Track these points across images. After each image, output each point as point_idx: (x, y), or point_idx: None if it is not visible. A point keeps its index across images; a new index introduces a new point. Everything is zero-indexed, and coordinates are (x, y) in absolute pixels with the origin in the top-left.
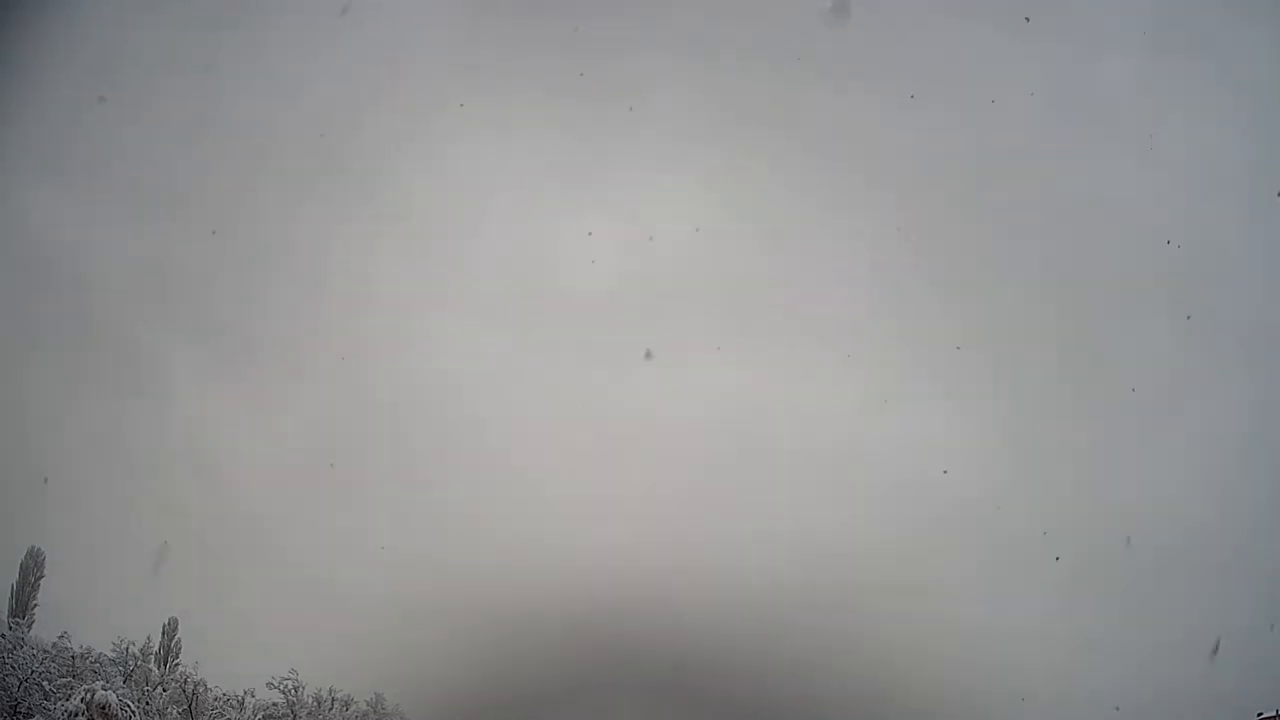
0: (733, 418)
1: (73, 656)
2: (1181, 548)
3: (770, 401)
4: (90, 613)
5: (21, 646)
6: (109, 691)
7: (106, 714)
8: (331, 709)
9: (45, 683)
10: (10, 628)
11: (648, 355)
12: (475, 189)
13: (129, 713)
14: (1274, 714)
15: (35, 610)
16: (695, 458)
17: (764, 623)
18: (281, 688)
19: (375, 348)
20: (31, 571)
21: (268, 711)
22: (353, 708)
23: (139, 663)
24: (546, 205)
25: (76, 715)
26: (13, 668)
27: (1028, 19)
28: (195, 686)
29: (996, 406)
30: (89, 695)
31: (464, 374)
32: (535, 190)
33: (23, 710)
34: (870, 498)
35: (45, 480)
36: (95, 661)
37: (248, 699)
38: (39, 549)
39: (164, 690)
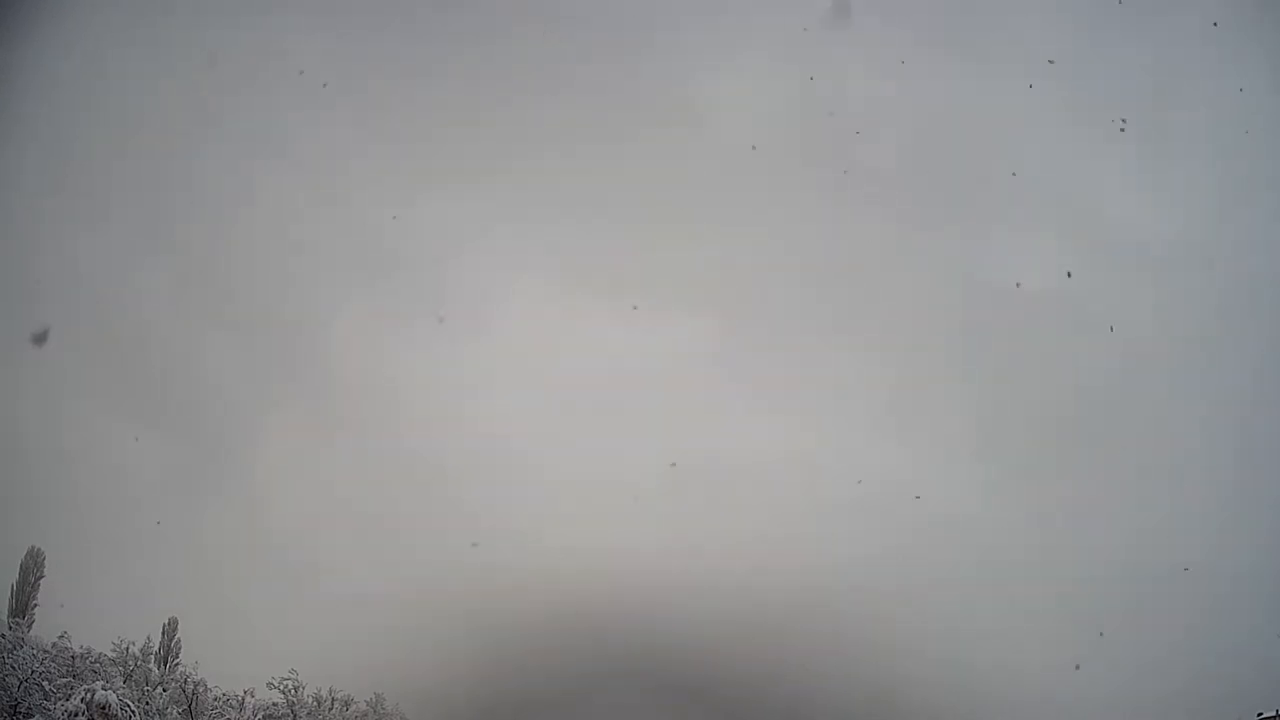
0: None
1: (73, 656)
2: (1176, 549)
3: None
4: (90, 613)
5: (21, 646)
6: (109, 691)
7: (106, 714)
8: (331, 709)
9: (45, 683)
10: (10, 628)
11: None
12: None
13: (129, 713)
14: (1274, 714)
15: (35, 610)
16: (693, 471)
17: (765, 628)
18: (281, 688)
19: (386, 372)
20: (31, 571)
21: (268, 711)
22: (352, 708)
23: (139, 663)
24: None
25: (76, 715)
26: (13, 668)
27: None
28: (195, 686)
29: (978, 431)
30: (89, 695)
31: (472, 394)
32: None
33: (23, 710)
34: (865, 510)
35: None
36: (95, 661)
37: (248, 699)
38: (39, 549)
39: (164, 690)
